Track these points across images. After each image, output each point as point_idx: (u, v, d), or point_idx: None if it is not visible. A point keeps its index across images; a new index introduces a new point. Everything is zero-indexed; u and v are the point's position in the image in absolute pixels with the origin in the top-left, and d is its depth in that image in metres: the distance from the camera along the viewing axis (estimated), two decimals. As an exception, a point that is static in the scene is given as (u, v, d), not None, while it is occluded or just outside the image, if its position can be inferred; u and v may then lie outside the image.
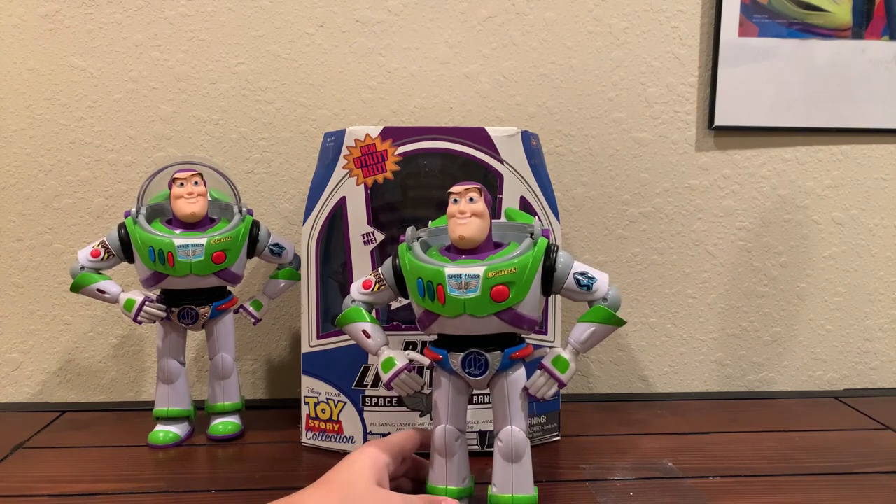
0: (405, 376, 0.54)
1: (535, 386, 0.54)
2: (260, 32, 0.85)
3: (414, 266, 0.53)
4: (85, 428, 0.78)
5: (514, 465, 0.53)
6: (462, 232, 0.52)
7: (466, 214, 0.52)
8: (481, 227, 0.53)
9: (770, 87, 0.88)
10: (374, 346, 0.55)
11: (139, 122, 0.85)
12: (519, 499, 0.53)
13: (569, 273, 0.53)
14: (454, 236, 0.53)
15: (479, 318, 0.51)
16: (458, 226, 0.52)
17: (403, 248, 0.54)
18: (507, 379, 0.54)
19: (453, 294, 0.50)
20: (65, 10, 0.83)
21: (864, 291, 0.94)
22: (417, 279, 0.52)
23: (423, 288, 0.52)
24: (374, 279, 0.56)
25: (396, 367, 0.54)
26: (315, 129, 0.86)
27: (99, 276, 0.70)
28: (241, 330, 0.87)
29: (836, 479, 0.65)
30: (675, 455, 0.70)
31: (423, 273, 0.52)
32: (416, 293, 0.53)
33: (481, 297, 0.50)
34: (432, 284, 0.51)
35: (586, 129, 0.88)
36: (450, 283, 0.50)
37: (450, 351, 0.54)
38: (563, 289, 0.53)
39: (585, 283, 0.53)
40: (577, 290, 0.53)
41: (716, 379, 0.94)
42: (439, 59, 0.87)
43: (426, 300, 0.52)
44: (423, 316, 0.53)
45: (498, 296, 0.50)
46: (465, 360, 0.53)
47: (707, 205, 0.91)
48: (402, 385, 0.55)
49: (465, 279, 0.50)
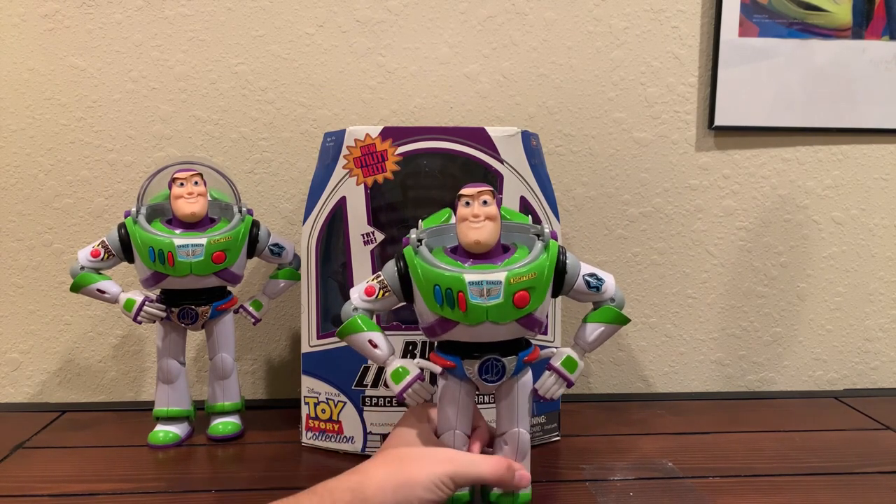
0: (418, 386, 0.53)
1: (545, 387, 0.54)
2: (260, 32, 0.85)
3: (428, 273, 0.51)
4: (85, 428, 0.78)
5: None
6: (477, 237, 0.51)
7: (480, 218, 0.51)
8: (495, 230, 0.51)
9: (770, 87, 0.88)
10: (382, 357, 0.54)
11: (139, 122, 0.85)
12: (521, 497, 0.54)
13: (578, 275, 0.53)
14: (468, 241, 0.51)
15: (501, 324, 0.50)
16: (472, 230, 0.51)
17: (410, 253, 0.52)
18: (517, 383, 0.54)
19: (476, 301, 0.49)
20: (65, 10, 0.83)
21: (864, 291, 0.94)
22: (434, 286, 0.50)
23: (442, 296, 0.50)
24: (378, 285, 0.54)
25: (409, 377, 0.52)
26: (315, 129, 0.86)
27: (99, 276, 0.70)
28: (241, 330, 0.87)
29: (836, 479, 0.64)
30: (675, 455, 0.69)
31: (440, 280, 0.50)
32: (432, 301, 0.50)
33: (504, 304, 0.49)
34: (452, 292, 0.49)
35: (586, 129, 0.88)
36: (471, 291, 0.49)
37: (464, 358, 0.52)
38: (572, 290, 0.53)
39: (595, 284, 0.53)
40: (586, 291, 0.53)
41: (716, 379, 0.94)
42: (439, 59, 0.87)
43: (445, 308, 0.50)
44: (437, 324, 0.51)
45: (520, 301, 0.49)
46: (482, 367, 0.52)
47: (707, 205, 0.91)
48: (415, 395, 0.53)
49: (486, 286, 0.49)
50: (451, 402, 0.54)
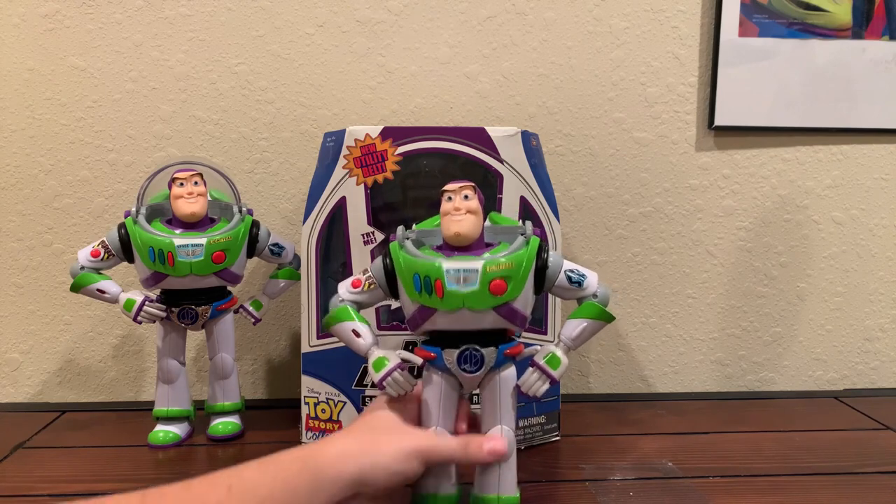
0: (398, 375, 0.53)
1: (528, 383, 0.54)
2: (260, 32, 0.85)
3: (409, 262, 0.52)
4: (85, 428, 0.78)
5: (501, 465, 0.53)
6: (457, 228, 0.52)
7: (461, 211, 0.52)
8: (475, 223, 0.53)
9: (770, 87, 0.88)
10: (364, 346, 0.54)
11: (139, 122, 0.85)
12: (505, 499, 0.53)
13: (560, 270, 0.54)
14: (449, 233, 0.53)
15: (477, 312, 0.51)
16: (452, 222, 0.52)
17: (395, 247, 0.54)
18: (498, 377, 0.54)
19: (452, 288, 0.50)
20: (65, 10, 0.83)
21: (864, 291, 0.94)
22: (413, 275, 0.52)
23: (420, 283, 0.51)
24: (364, 278, 0.55)
25: (388, 366, 0.53)
26: (315, 129, 0.86)
27: (99, 276, 0.70)
28: (241, 330, 0.87)
29: (836, 479, 0.64)
30: (675, 455, 0.69)
31: (419, 268, 0.51)
32: (411, 289, 0.52)
33: (480, 291, 0.50)
34: (430, 279, 0.51)
35: (586, 129, 0.88)
36: (448, 278, 0.50)
37: (444, 348, 0.53)
38: (554, 286, 0.54)
39: (577, 279, 0.54)
40: (568, 286, 0.54)
41: (716, 379, 0.94)
42: (439, 59, 0.87)
43: (423, 295, 0.51)
44: (418, 312, 0.53)
45: (496, 289, 0.50)
46: (460, 357, 0.53)
47: (707, 205, 0.91)
48: (395, 385, 0.53)
49: (463, 273, 0.50)
50: (433, 397, 0.54)
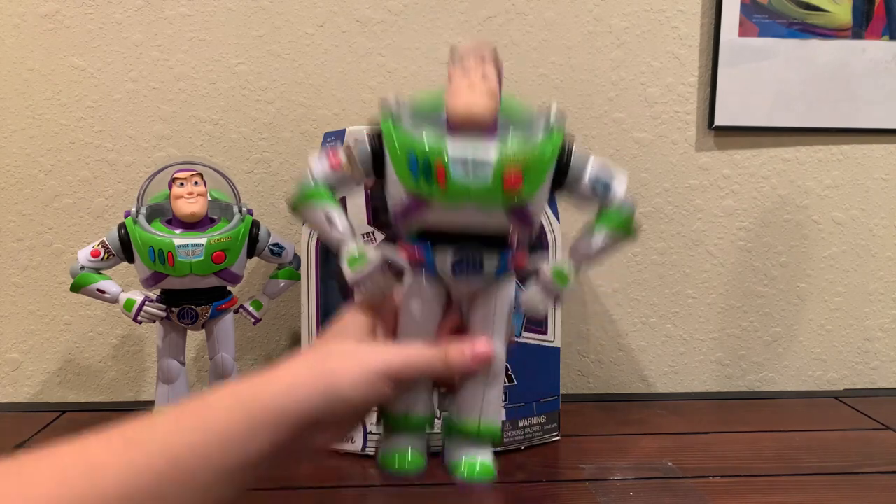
0: (377, 274, 0.43)
1: (532, 300, 0.45)
2: (260, 32, 0.85)
3: (404, 139, 0.41)
4: (85, 428, 0.77)
5: (485, 387, 0.44)
6: (469, 99, 0.41)
7: (477, 85, 0.41)
8: (492, 102, 0.41)
9: (770, 87, 0.88)
10: (337, 236, 0.43)
11: (139, 122, 0.85)
12: (486, 427, 0.44)
13: (586, 166, 0.45)
14: (458, 104, 0.41)
15: (484, 211, 0.41)
16: (462, 91, 0.41)
17: (388, 124, 0.42)
18: (496, 292, 0.44)
19: (458, 177, 0.40)
20: (65, 10, 0.83)
21: (864, 291, 0.94)
22: (409, 153, 0.40)
23: (418, 165, 0.40)
24: (343, 155, 0.45)
25: (368, 262, 0.42)
26: (315, 129, 0.86)
27: (99, 276, 0.70)
28: (241, 330, 0.87)
29: (835, 479, 0.65)
30: (675, 455, 0.69)
31: (416, 147, 0.40)
32: (404, 172, 0.41)
33: (493, 186, 0.40)
34: (430, 162, 0.40)
35: (586, 129, 0.88)
36: (454, 163, 0.40)
37: (435, 248, 0.43)
38: (577, 182, 0.46)
39: (603, 182, 0.46)
40: (589, 195, 0.46)
41: (716, 379, 0.94)
42: (439, 59, 0.87)
43: (420, 181, 0.40)
44: (411, 202, 0.41)
45: (511, 182, 0.40)
46: (456, 259, 0.43)
47: (707, 205, 0.91)
48: (373, 285, 0.43)
49: (472, 159, 0.40)
50: (415, 307, 0.44)
